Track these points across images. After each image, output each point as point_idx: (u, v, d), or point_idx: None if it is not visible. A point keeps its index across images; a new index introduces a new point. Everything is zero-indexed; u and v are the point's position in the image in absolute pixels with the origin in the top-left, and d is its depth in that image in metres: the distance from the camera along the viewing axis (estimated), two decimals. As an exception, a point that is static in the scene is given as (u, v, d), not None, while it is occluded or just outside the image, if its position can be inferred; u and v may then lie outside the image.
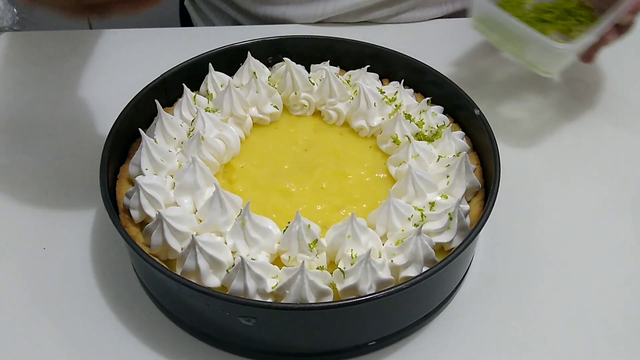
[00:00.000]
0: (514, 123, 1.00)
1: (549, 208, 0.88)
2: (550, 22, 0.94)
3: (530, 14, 0.95)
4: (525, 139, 0.98)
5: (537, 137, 0.98)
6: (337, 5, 1.11)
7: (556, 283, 0.80)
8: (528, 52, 0.91)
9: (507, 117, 1.01)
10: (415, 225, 0.73)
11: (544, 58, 0.90)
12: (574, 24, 0.94)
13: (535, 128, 1.00)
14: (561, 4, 0.96)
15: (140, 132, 0.79)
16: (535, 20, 0.94)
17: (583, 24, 0.94)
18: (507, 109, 1.02)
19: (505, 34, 0.91)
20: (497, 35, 0.94)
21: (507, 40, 0.93)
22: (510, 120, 1.00)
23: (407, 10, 1.15)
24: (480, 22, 0.94)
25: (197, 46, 0.95)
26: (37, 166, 0.92)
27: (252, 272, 0.67)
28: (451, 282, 0.76)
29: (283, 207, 0.77)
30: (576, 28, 0.93)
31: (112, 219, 0.71)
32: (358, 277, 0.67)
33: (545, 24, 0.94)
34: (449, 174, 0.78)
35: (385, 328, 0.72)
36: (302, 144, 0.86)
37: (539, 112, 1.02)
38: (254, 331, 0.69)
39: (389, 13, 1.14)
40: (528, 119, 1.01)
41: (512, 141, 0.97)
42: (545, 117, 1.01)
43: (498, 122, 0.98)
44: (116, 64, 1.07)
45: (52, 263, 0.81)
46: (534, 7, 0.96)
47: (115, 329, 0.75)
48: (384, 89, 0.89)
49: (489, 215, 0.72)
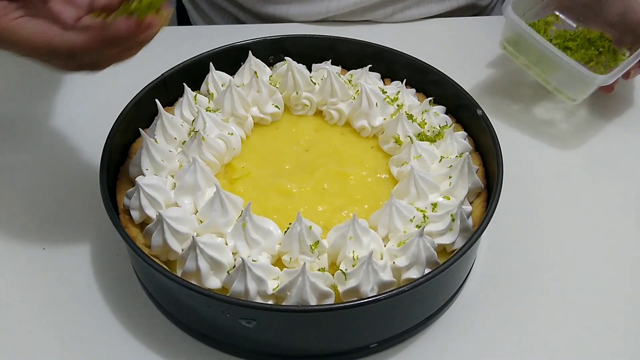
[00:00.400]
0: (517, 123, 1.00)
1: (552, 209, 0.88)
2: (573, 50, 0.96)
3: (555, 40, 0.96)
4: (528, 140, 0.97)
5: (540, 138, 0.98)
6: (341, 3, 1.11)
7: (559, 285, 0.80)
8: (555, 77, 0.93)
9: (510, 117, 1.00)
10: (417, 227, 0.73)
11: (572, 84, 0.91)
12: (595, 54, 0.95)
13: (538, 128, 1.00)
14: (584, 33, 0.98)
15: (141, 132, 0.78)
16: (560, 47, 0.95)
17: (602, 55, 0.95)
18: (509, 109, 1.02)
19: (533, 56, 0.93)
20: (525, 58, 0.95)
21: (535, 64, 0.94)
22: (514, 121, 1.00)
23: (410, 7, 1.14)
24: (509, 43, 0.96)
25: (198, 45, 0.94)
26: (37, 166, 0.92)
27: (253, 273, 0.67)
28: (453, 284, 0.76)
29: (284, 208, 0.77)
30: (596, 59, 0.95)
31: (112, 220, 0.71)
32: (360, 279, 0.67)
33: (568, 51, 0.95)
34: (452, 175, 0.77)
35: (387, 330, 0.72)
36: (303, 144, 0.86)
37: (542, 113, 1.01)
38: (254, 333, 0.68)
39: (393, 11, 1.14)
40: (531, 119, 1.01)
41: (515, 141, 0.96)
42: (548, 118, 1.01)
43: (501, 123, 0.97)
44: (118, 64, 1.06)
45: (52, 263, 0.81)
46: (557, 34, 0.98)
47: (116, 330, 0.74)
48: (386, 89, 0.89)
49: (492, 216, 0.72)
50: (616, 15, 0.96)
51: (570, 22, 1.00)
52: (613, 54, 0.96)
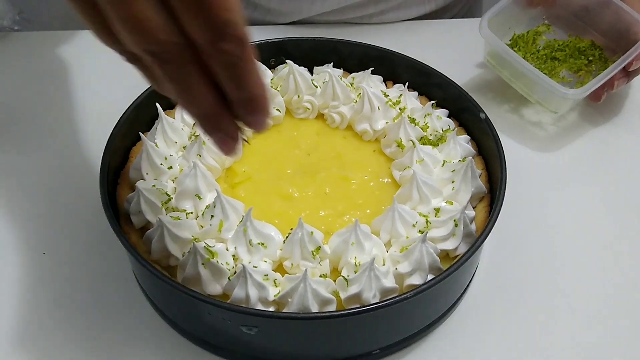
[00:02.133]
0: (521, 127, 0.99)
1: (556, 214, 0.87)
2: (562, 60, 0.96)
3: (542, 51, 0.97)
4: (531, 143, 0.96)
5: (543, 141, 0.97)
6: (325, 4, 1.10)
7: (563, 290, 0.79)
8: (536, 91, 0.94)
9: (514, 121, 1.00)
10: (420, 232, 0.72)
11: (551, 99, 0.93)
12: (584, 63, 0.96)
13: (542, 132, 0.99)
14: (574, 42, 0.98)
15: (141, 136, 0.78)
16: (547, 57, 0.96)
17: (592, 64, 0.96)
18: (513, 112, 1.01)
19: (514, 72, 0.94)
20: (507, 73, 0.96)
21: (517, 78, 0.96)
22: (517, 124, 0.99)
23: (390, 10, 1.13)
24: (492, 58, 0.97)
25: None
26: (37, 168, 0.91)
27: (254, 279, 0.66)
28: (456, 290, 0.75)
29: (285, 213, 0.76)
30: (585, 68, 0.96)
31: (111, 225, 0.70)
32: (362, 285, 0.66)
33: (556, 61, 0.96)
34: (454, 179, 0.77)
35: (389, 337, 0.71)
36: (305, 148, 0.85)
37: (546, 116, 1.00)
38: (256, 340, 0.67)
39: (374, 10, 1.12)
40: (535, 123, 1.00)
41: (518, 145, 0.96)
42: (552, 121, 1.00)
43: (504, 126, 0.97)
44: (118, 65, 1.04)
45: (52, 268, 0.80)
46: (546, 44, 0.99)
47: (116, 336, 0.74)
48: (388, 92, 0.88)
49: (496, 221, 0.71)
50: (607, 23, 0.96)
51: (562, 32, 1.00)
52: (604, 63, 0.96)
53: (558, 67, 0.95)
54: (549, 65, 0.96)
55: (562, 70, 0.96)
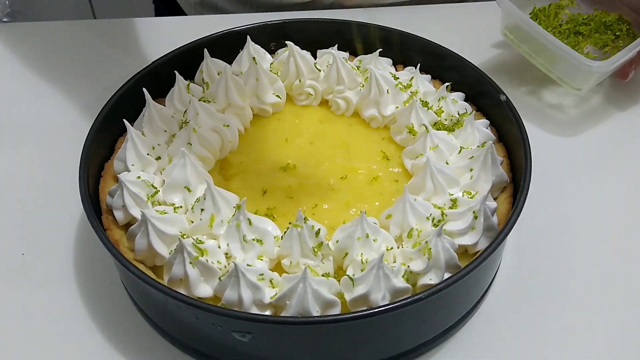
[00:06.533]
0: (540, 110, 0.95)
1: (586, 205, 0.83)
2: (586, 34, 0.94)
3: (565, 25, 0.95)
4: (552, 128, 0.93)
5: (571, 127, 0.93)
6: None
7: (592, 290, 0.75)
8: (558, 66, 0.91)
9: (532, 103, 0.96)
10: (434, 226, 0.69)
11: (575, 74, 0.90)
12: (610, 39, 0.94)
13: (562, 115, 0.95)
14: (599, 17, 0.96)
15: (125, 123, 0.74)
16: (570, 32, 0.94)
17: (620, 39, 0.93)
18: (532, 95, 0.97)
19: (535, 46, 0.91)
20: (527, 47, 0.93)
21: (537, 53, 0.93)
22: (536, 108, 0.96)
23: None
24: (510, 32, 0.94)
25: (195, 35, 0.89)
26: (14, 164, 0.89)
27: (248, 280, 0.63)
28: (476, 291, 0.72)
29: (285, 206, 0.73)
30: (612, 43, 0.93)
31: (91, 222, 0.67)
32: (369, 286, 0.63)
33: (580, 36, 0.94)
34: (473, 167, 0.74)
35: (401, 344, 0.68)
36: (307, 137, 0.82)
37: (568, 98, 0.97)
38: (249, 347, 0.64)
39: None
40: (555, 105, 0.96)
41: (543, 131, 0.92)
42: (574, 103, 0.96)
43: (522, 110, 0.92)
44: (110, 55, 1.04)
45: (31, 270, 0.77)
46: (570, 18, 0.96)
47: (99, 342, 0.70)
48: (398, 75, 0.86)
49: (520, 213, 0.67)
50: None
51: (587, 5, 0.98)
52: (632, 39, 0.92)
53: (582, 42, 0.93)
54: (572, 40, 0.92)
55: (587, 46, 0.93)
